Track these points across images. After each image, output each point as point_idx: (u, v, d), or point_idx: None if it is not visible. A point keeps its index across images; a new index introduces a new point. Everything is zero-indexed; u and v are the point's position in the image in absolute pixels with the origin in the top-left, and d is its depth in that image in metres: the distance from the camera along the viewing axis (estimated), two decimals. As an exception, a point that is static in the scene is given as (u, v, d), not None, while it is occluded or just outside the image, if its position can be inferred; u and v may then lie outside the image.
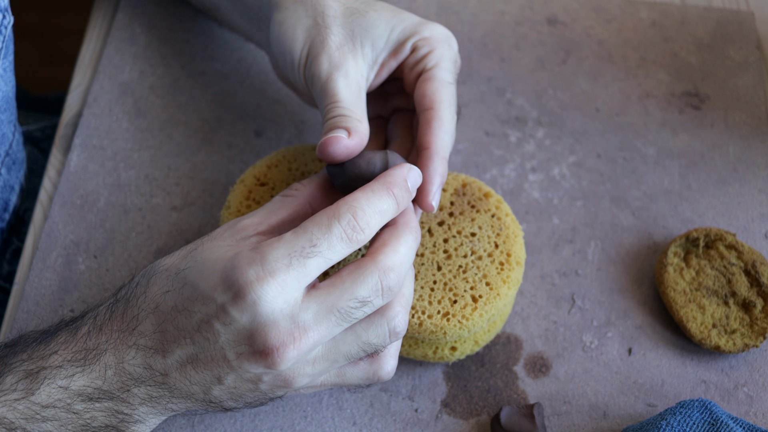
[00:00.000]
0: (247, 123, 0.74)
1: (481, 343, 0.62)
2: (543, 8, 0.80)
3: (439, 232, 0.61)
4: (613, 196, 0.71)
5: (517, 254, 0.60)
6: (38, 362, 0.50)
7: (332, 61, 0.58)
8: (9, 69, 0.65)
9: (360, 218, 0.49)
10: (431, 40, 0.59)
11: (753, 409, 0.62)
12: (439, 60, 0.59)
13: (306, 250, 0.48)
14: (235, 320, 0.47)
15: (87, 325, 0.51)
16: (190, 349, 0.49)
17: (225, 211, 0.62)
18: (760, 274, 0.65)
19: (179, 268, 0.50)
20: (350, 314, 0.49)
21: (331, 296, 0.48)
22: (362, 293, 0.49)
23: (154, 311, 0.49)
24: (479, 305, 0.58)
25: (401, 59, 0.60)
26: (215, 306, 0.48)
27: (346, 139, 0.54)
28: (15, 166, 0.70)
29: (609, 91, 0.76)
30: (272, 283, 0.47)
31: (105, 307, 0.52)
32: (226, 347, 0.48)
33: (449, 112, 0.58)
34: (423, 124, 0.58)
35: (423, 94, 0.58)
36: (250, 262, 0.47)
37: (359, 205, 0.49)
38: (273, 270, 0.47)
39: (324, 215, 0.49)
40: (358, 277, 0.49)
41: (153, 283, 0.50)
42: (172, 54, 0.77)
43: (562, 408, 0.62)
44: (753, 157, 0.73)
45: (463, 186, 0.63)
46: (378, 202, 0.50)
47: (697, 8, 0.81)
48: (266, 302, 0.47)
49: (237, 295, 0.47)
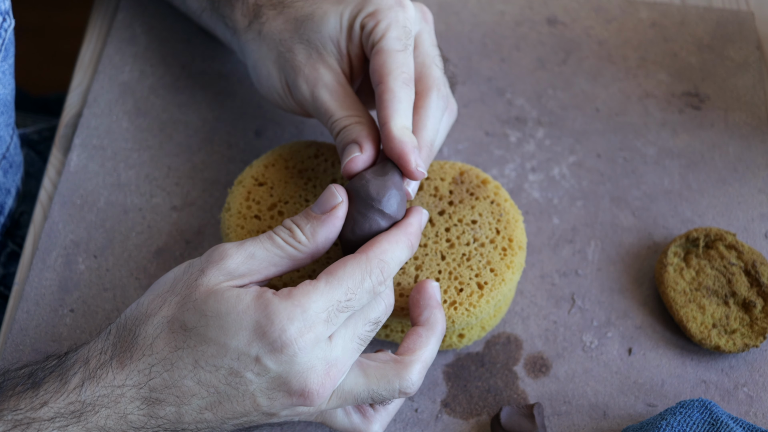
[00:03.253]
0: (247, 123, 0.74)
1: (487, 328, 0.62)
2: (543, 8, 0.80)
3: (440, 222, 0.61)
4: (613, 196, 0.71)
5: (519, 239, 0.61)
6: (27, 413, 0.48)
7: (308, 80, 0.59)
8: (8, 72, 0.65)
9: (386, 273, 0.51)
10: (376, 13, 0.58)
11: (753, 409, 0.62)
12: (385, 30, 0.58)
13: (342, 304, 0.50)
14: (271, 370, 0.48)
15: (78, 373, 0.49)
16: (213, 399, 0.49)
17: (225, 213, 0.62)
18: (760, 274, 0.65)
19: (186, 324, 0.49)
20: (368, 337, 0.52)
21: (350, 327, 0.51)
22: (373, 316, 0.52)
23: (170, 370, 0.48)
24: (485, 292, 0.59)
25: (356, 41, 0.59)
26: (248, 359, 0.48)
27: (361, 155, 0.55)
28: (12, 170, 0.70)
29: (609, 91, 0.76)
30: (312, 337, 0.48)
31: (97, 356, 0.50)
32: (258, 393, 0.49)
33: (400, 80, 0.56)
34: (377, 100, 0.57)
35: (372, 71, 0.57)
36: (291, 318, 0.48)
37: (387, 258, 0.51)
38: (313, 324, 0.48)
39: (357, 268, 0.50)
40: (366, 305, 0.52)
41: (152, 335, 0.49)
42: (172, 54, 0.77)
43: (562, 408, 0.62)
44: (753, 157, 0.73)
45: (460, 174, 0.63)
46: (401, 254, 0.53)
47: (697, 8, 0.81)
48: (305, 352, 0.48)
49: (276, 349, 0.48)
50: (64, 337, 0.64)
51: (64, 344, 0.63)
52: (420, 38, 0.60)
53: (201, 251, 0.67)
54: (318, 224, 0.52)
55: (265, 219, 0.61)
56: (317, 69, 0.59)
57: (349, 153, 0.56)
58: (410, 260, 0.59)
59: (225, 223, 0.61)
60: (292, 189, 0.62)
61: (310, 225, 0.52)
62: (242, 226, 0.60)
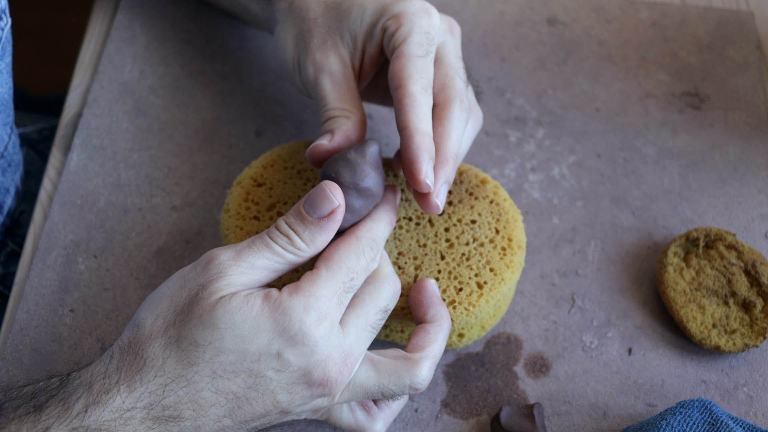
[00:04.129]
0: (247, 123, 0.74)
1: (487, 327, 0.62)
2: (543, 8, 0.80)
3: (439, 222, 0.61)
4: (613, 196, 0.71)
5: (518, 238, 0.61)
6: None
7: (316, 64, 0.59)
8: (6, 71, 0.65)
9: (376, 249, 0.53)
10: (399, 16, 0.58)
11: (753, 409, 0.62)
12: (406, 35, 0.58)
13: (347, 284, 0.51)
14: (292, 364, 0.49)
15: (81, 398, 0.48)
16: (232, 405, 0.49)
17: (224, 214, 0.62)
18: (760, 274, 0.65)
19: (198, 341, 0.48)
20: (379, 324, 0.53)
21: (362, 317, 0.52)
22: (383, 304, 0.53)
23: (186, 386, 0.48)
24: (485, 291, 0.59)
25: (376, 42, 0.60)
26: (269, 357, 0.48)
27: (326, 144, 0.57)
28: (10, 169, 0.70)
29: (609, 91, 0.76)
30: (329, 324, 0.49)
31: (98, 380, 0.49)
32: (278, 390, 0.49)
33: (419, 85, 0.56)
34: (396, 104, 0.57)
35: (391, 74, 0.57)
36: (307, 309, 0.49)
37: (375, 235, 0.54)
38: (328, 311, 0.49)
39: (351, 249, 0.52)
40: (374, 291, 0.53)
41: (162, 356, 0.48)
42: (172, 54, 0.77)
43: (562, 408, 0.62)
44: (753, 157, 0.73)
45: (459, 174, 0.63)
46: (386, 230, 0.55)
47: (697, 8, 0.81)
48: (324, 340, 0.49)
49: (297, 342, 0.48)
50: (64, 337, 0.64)
51: (64, 344, 0.63)
52: (444, 49, 0.60)
53: (201, 251, 0.67)
54: (317, 230, 0.51)
55: (264, 220, 0.61)
56: (328, 56, 0.59)
57: (319, 139, 0.57)
58: (410, 260, 0.59)
59: (224, 224, 0.61)
60: (290, 189, 0.62)
61: (308, 231, 0.51)
62: (241, 227, 0.60)
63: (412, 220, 0.61)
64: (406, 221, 0.61)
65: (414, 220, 0.61)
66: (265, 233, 0.51)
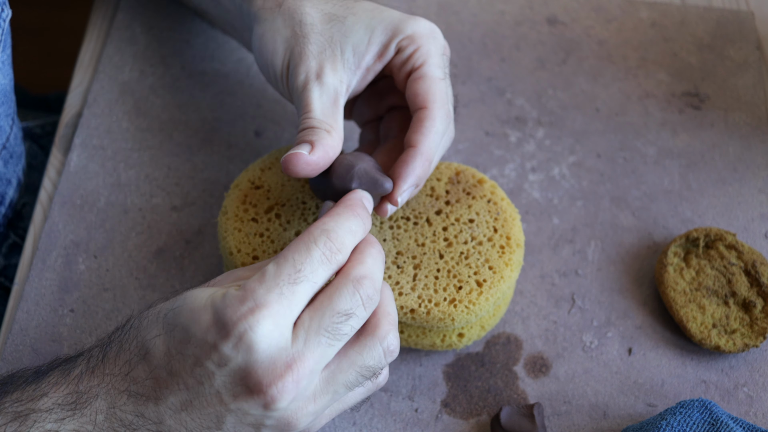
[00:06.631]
0: (247, 123, 0.74)
1: (487, 327, 0.62)
2: (543, 8, 0.80)
3: (437, 221, 0.61)
4: (613, 196, 0.71)
5: (516, 236, 0.61)
6: (28, 404, 0.48)
7: (309, 72, 0.58)
8: (7, 62, 0.65)
9: (334, 239, 0.50)
10: (415, 37, 0.59)
11: (753, 409, 0.62)
12: (426, 56, 0.58)
13: (292, 276, 0.48)
14: (230, 359, 0.47)
15: (80, 366, 0.50)
16: (184, 395, 0.48)
17: (222, 216, 0.62)
18: (760, 274, 0.65)
19: (167, 308, 0.49)
20: (338, 330, 0.49)
21: (315, 319, 0.48)
22: (342, 306, 0.49)
23: (146, 357, 0.48)
24: (484, 289, 0.59)
25: (386, 61, 0.60)
26: (208, 347, 0.47)
27: (306, 155, 0.54)
28: (12, 160, 0.70)
29: (609, 91, 0.76)
30: (266, 316, 0.47)
31: (98, 348, 0.50)
32: (222, 390, 0.47)
33: (443, 111, 0.58)
34: (415, 121, 0.58)
35: (416, 93, 0.58)
36: (242, 299, 0.47)
37: (330, 227, 0.50)
38: (266, 302, 0.47)
39: (300, 242, 0.49)
40: (334, 293, 0.49)
41: (144, 326, 0.49)
42: (172, 54, 0.77)
43: (562, 408, 0.62)
44: (753, 157, 0.73)
45: (456, 174, 0.63)
46: (346, 222, 0.51)
47: (697, 8, 0.81)
48: (262, 337, 0.46)
49: (230, 333, 0.46)
50: (64, 337, 0.64)
51: (64, 344, 0.63)
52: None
53: (201, 251, 0.67)
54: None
55: (263, 222, 0.61)
56: (324, 67, 0.58)
57: (298, 148, 0.55)
58: (409, 259, 0.59)
59: (222, 227, 0.61)
60: (289, 192, 0.62)
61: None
62: (239, 229, 0.60)
63: (410, 219, 0.61)
64: (404, 221, 0.61)
65: (412, 219, 0.61)
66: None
